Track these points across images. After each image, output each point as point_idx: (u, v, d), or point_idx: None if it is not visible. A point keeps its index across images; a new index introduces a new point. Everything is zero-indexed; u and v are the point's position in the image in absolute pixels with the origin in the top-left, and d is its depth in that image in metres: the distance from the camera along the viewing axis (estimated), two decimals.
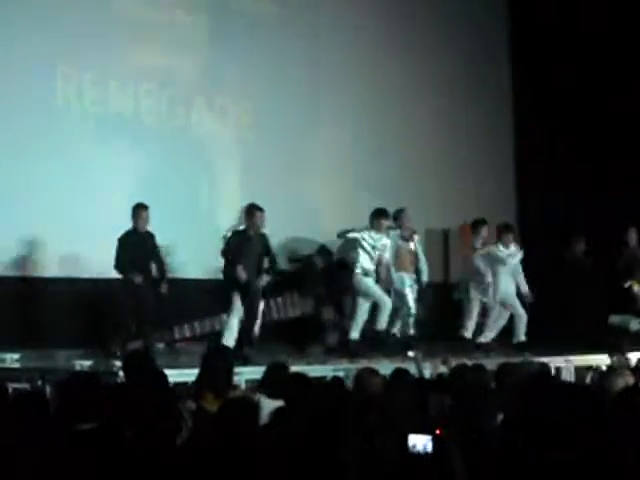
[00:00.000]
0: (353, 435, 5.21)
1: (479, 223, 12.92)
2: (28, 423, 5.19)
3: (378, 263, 12.01)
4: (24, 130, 11.85)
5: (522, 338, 12.73)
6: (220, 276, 11.37)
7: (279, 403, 6.26)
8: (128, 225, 11.09)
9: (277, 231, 12.03)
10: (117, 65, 12.77)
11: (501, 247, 12.75)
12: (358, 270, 11.89)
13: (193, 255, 12.56)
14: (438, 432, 4.82)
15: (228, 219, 12.62)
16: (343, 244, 12.29)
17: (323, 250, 13.51)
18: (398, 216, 12.37)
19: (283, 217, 12.24)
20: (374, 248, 11.92)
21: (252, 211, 11.19)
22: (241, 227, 11.40)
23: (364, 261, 11.89)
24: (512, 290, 12.78)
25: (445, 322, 13.05)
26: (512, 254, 12.76)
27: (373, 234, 11.92)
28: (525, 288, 12.79)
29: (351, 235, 11.90)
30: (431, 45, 15.81)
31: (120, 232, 11.07)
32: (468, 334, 12.73)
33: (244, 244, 11.06)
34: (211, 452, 4.91)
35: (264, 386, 7.07)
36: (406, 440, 4.79)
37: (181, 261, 12.49)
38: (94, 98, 12.67)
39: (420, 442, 4.79)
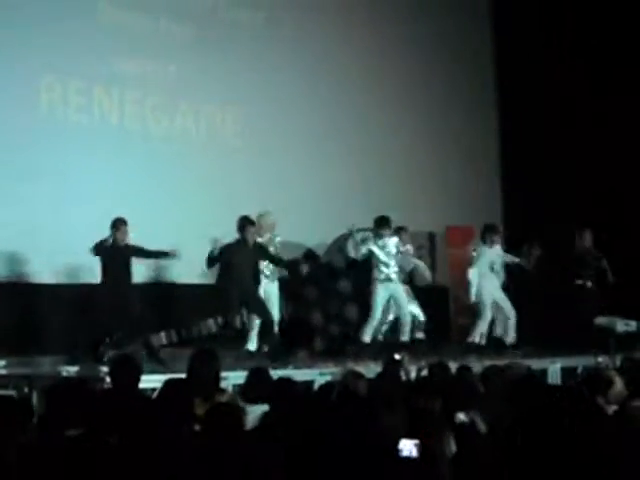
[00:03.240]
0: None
1: (491, 229, 12.90)
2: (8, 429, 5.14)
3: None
4: (8, 137, 11.82)
5: (509, 338, 12.70)
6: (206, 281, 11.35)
7: (265, 408, 6.26)
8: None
9: None
10: (102, 72, 12.75)
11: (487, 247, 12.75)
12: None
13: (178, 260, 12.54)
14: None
15: (211, 224, 12.57)
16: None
17: (309, 254, 13.51)
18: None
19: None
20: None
21: (244, 225, 11.06)
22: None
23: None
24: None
25: (433, 324, 13.03)
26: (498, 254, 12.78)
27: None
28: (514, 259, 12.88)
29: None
30: (416, 48, 15.84)
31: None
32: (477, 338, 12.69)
33: (234, 255, 10.93)
34: (196, 456, 4.91)
35: (246, 392, 7.06)
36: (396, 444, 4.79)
37: (164, 266, 12.49)
38: (79, 105, 12.66)
39: (406, 446, 4.78)
